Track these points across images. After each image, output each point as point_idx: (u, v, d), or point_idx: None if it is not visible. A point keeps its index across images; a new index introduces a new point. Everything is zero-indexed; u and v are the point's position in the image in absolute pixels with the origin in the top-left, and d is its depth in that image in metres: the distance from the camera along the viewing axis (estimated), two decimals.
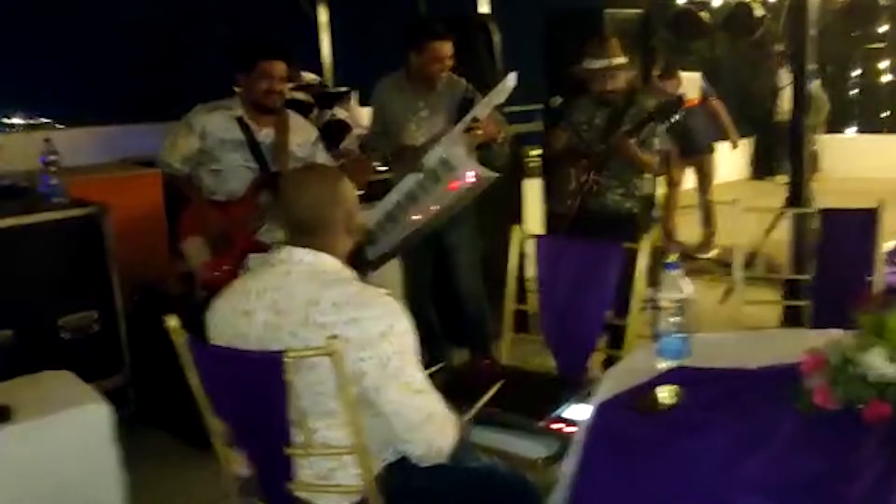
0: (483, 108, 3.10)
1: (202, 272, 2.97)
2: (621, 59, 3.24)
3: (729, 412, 1.57)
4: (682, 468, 1.43)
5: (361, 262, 1.84)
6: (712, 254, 5.91)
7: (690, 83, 5.93)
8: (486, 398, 2.04)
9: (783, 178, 4.34)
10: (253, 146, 3.00)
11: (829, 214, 2.64)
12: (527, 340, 2.91)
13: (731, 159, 7.33)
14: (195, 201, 3.05)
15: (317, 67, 5.65)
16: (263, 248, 2.96)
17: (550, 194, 3.54)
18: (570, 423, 1.99)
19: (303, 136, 3.15)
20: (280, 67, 2.98)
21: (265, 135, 3.05)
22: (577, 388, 2.19)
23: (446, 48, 3.23)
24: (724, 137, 6.23)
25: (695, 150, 5.96)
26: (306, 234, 1.73)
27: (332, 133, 4.51)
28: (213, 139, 3.00)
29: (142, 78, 6.46)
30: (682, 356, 1.85)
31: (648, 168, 3.26)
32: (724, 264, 5.63)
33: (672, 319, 1.87)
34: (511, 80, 3.02)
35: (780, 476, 1.34)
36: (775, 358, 1.80)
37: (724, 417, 1.54)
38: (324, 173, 1.87)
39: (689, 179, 6.27)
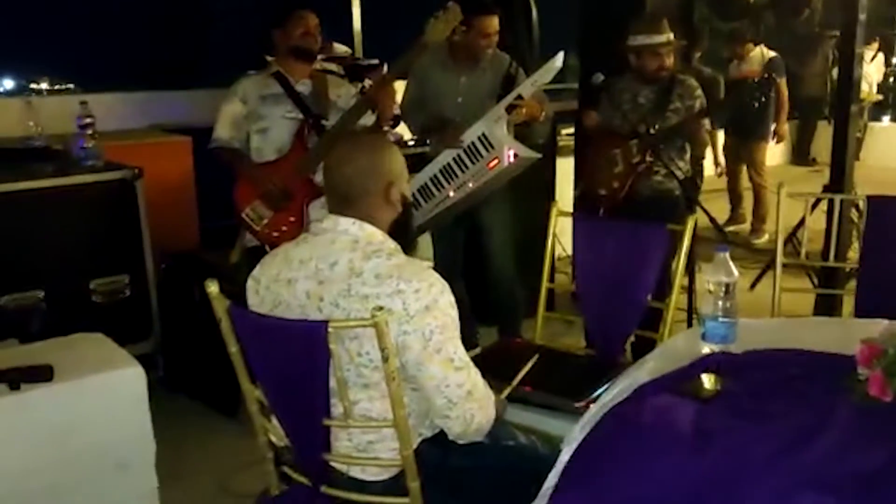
0: (528, 87, 3.04)
1: (268, 232, 2.97)
2: (672, 36, 3.18)
3: (780, 401, 1.52)
4: (729, 457, 1.39)
5: (408, 235, 1.79)
6: (763, 239, 5.86)
7: (754, 56, 5.81)
8: (523, 373, 2.03)
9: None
10: (292, 95, 3.03)
11: (876, 202, 2.57)
12: (554, 319, 2.88)
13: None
14: (244, 168, 3.03)
15: (348, 39, 5.60)
16: (323, 193, 2.94)
17: (587, 176, 3.46)
18: None
19: (342, 89, 3.17)
20: (313, 18, 3.03)
21: (303, 85, 3.08)
22: (612, 369, 2.17)
23: (494, 23, 3.18)
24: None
25: (749, 134, 5.79)
26: (345, 203, 1.71)
27: None
28: (254, 98, 3.03)
29: (169, 44, 6.44)
30: (728, 341, 1.81)
31: (704, 149, 3.24)
32: (755, 250, 5.60)
33: (718, 303, 1.82)
34: (558, 59, 2.97)
35: (836, 469, 1.30)
36: (822, 346, 1.76)
37: (775, 406, 1.50)
38: (369, 142, 1.83)
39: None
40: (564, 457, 1.53)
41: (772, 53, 5.83)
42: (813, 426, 1.42)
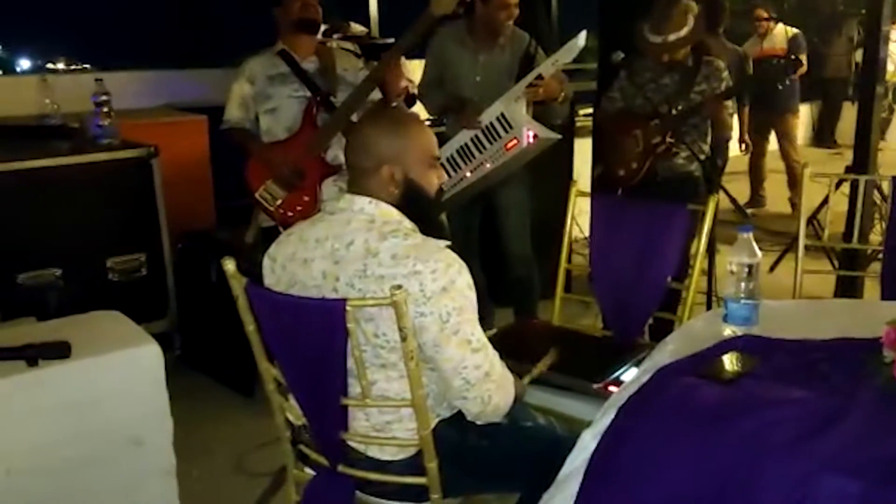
0: (548, 67, 3.00)
1: (282, 212, 2.97)
2: (681, 33, 3.04)
3: (803, 384, 1.50)
4: (751, 441, 1.37)
5: (424, 219, 1.73)
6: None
7: (777, 34, 5.86)
8: (544, 365, 2.00)
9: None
10: (299, 73, 3.02)
11: None
12: (571, 301, 2.86)
13: None
14: (255, 149, 3.04)
15: (364, 19, 5.56)
16: (335, 171, 2.96)
17: (605, 155, 3.42)
18: None
19: (348, 62, 3.16)
20: None
21: (309, 62, 3.07)
22: (630, 351, 2.15)
23: None
24: None
25: (777, 108, 5.80)
26: (353, 179, 1.70)
27: None
28: (261, 79, 3.04)
29: (184, 23, 6.42)
30: (750, 323, 1.78)
31: (728, 130, 3.20)
32: (774, 232, 5.53)
33: (741, 284, 1.79)
34: (581, 39, 2.92)
35: (861, 454, 1.27)
36: (846, 329, 1.73)
37: (798, 389, 1.47)
38: (374, 120, 1.80)
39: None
40: (588, 441, 1.51)
41: (794, 30, 5.83)
42: (837, 410, 1.39)
